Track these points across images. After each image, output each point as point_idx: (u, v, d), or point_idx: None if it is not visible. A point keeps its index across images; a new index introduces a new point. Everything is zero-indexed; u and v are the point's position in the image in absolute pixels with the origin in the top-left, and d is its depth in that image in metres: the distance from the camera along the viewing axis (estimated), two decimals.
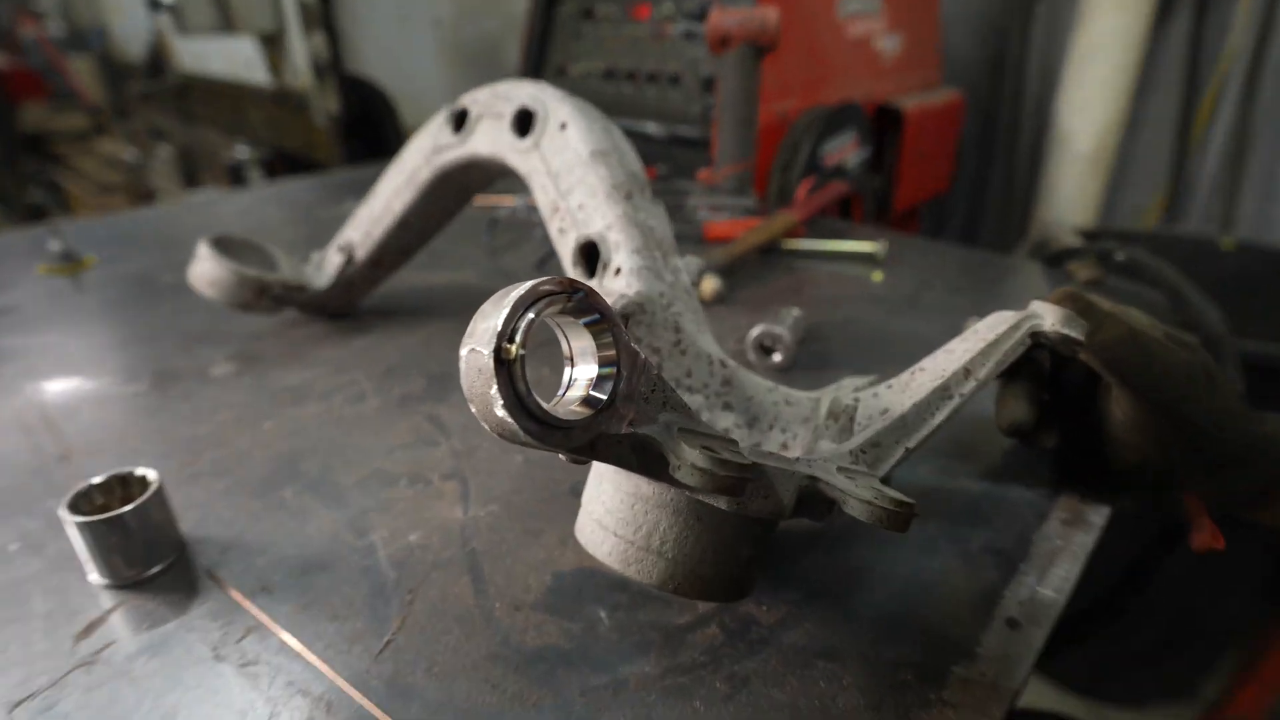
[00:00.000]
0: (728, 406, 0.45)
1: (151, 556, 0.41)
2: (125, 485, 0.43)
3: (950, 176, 1.81)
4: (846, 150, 1.31)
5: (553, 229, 0.52)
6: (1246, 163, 1.68)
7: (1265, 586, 1.11)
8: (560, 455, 0.31)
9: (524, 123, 0.56)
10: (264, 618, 0.38)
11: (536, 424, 0.26)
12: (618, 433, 0.29)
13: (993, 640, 0.36)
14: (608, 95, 1.38)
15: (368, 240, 0.67)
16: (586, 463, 0.32)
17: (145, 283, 0.85)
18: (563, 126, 0.53)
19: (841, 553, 0.42)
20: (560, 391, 0.29)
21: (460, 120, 0.61)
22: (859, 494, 0.31)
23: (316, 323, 0.73)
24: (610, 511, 0.35)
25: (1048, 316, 0.38)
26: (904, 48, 1.58)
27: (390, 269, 0.71)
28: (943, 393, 0.36)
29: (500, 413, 0.25)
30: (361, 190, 1.25)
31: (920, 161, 1.58)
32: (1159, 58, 1.74)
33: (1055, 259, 1.11)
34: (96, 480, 0.42)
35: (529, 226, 0.99)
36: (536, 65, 1.47)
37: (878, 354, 0.67)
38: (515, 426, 0.25)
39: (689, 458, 0.27)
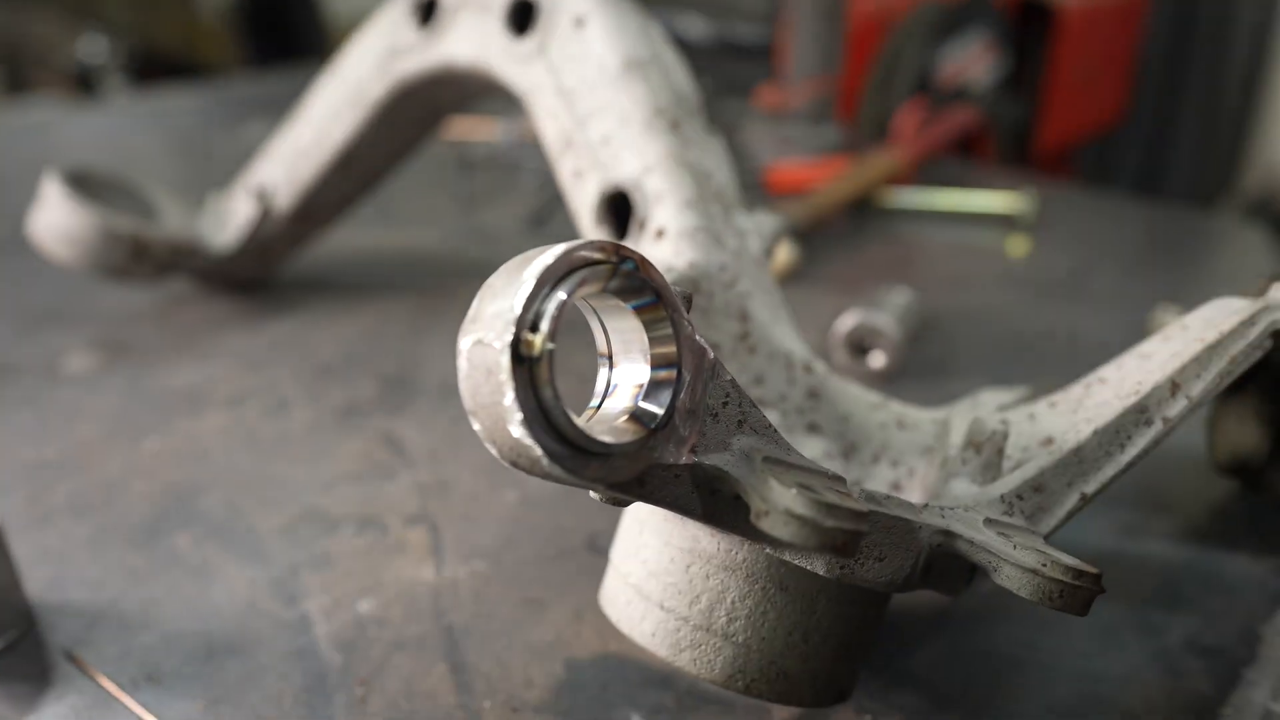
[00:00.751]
0: (813, 429, 0.47)
1: None
2: None
3: (1124, 104, 1.85)
4: (973, 61, 1.35)
5: (563, 170, 0.54)
6: None
7: None
8: (592, 493, 0.32)
9: (522, 15, 0.58)
10: (149, 719, 0.39)
11: (567, 448, 0.27)
12: (676, 463, 0.30)
13: None
14: None
15: (292, 182, 0.69)
16: (627, 504, 0.33)
17: None
18: (579, 23, 0.55)
19: (980, 642, 0.43)
20: (594, 402, 0.30)
21: (429, 11, 0.62)
22: (1019, 559, 0.32)
23: (215, 299, 0.75)
24: (654, 575, 0.36)
25: None
26: None
27: (323, 224, 0.74)
28: (1138, 416, 0.37)
29: (517, 432, 0.26)
30: (273, 108, 1.27)
31: (1082, 81, 1.62)
32: None
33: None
34: None
35: (516, 168, 1.02)
36: None
37: (1022, 358, 0.69)
38: (537, 451, 0.26)
39: (781, 500, 0.28)
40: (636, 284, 0.29)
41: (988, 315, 0.75)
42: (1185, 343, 0.39)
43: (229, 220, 0.71)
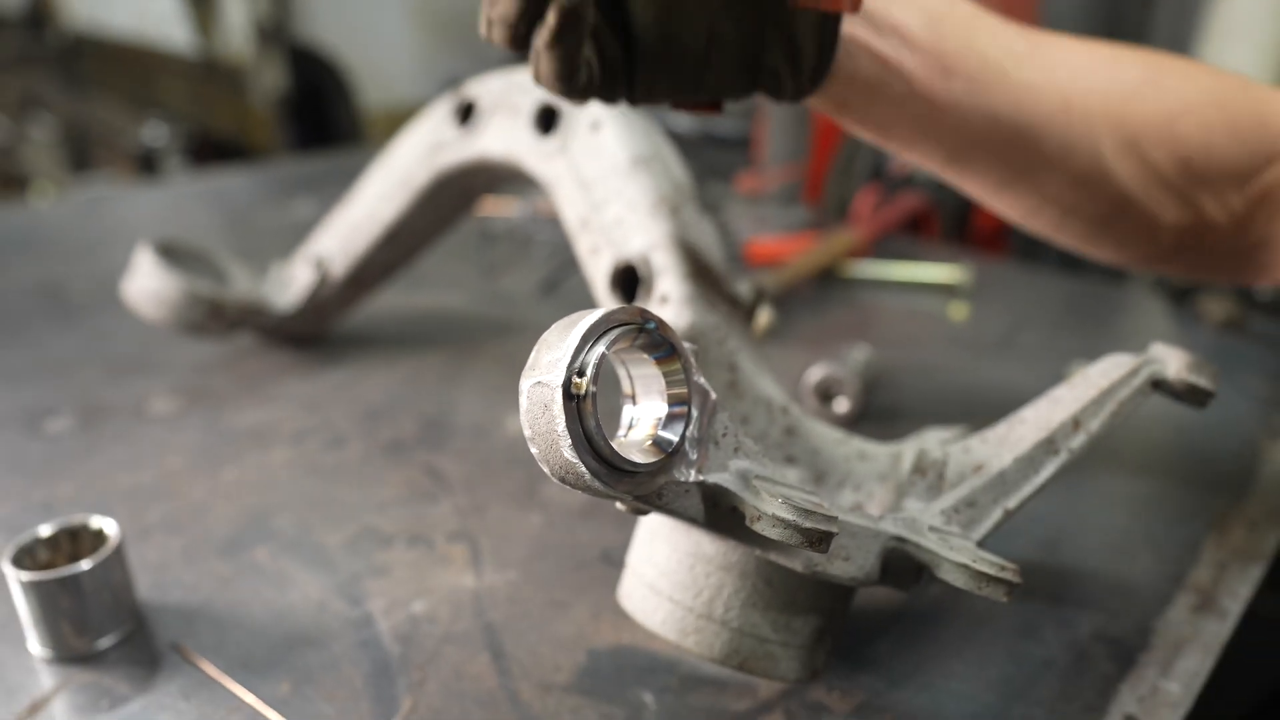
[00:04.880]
0: (790, 460, 0.51)
1: (105, 625, 0.46)
2: (74, 540, 0.48)
3: None
4: None
5: (581, 246, 0.58)
6: None
7: None
8: (618, 505, 0.36)
9: (547, 120, 0.62)
10: (250, 697, 0.42)
11: (606, 467, 0.31)
12: (686, 480, 0.34)
13: None
14: None
15: (346, 253, 0.73)
16: (646, 513, 0.37)
17: (49, 297, 0.91)
18: (595, 126, 0.60)
19: (928, 634, 0.47)
20: (620, 433, 0.35)
21: (467, 113, 0.67)
22: (954, 557, 0.36)
23: (277, 350, 0.79)
24: (665, 574, 0.40)
25: (1171, 363, 0.44)
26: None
27: (371, 288, 0.77)
28: (1048, 447, 0.42)
29: (568, 454, 0.30)
30: (314, 187, 1.32)
31: None
32: None
33: (1183, 294, 1.17)
34: (43, 532, 0.47)
35: (529, 241, 1.06)
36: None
37: (962, 406, 0.72)
38: (582, 469, 0.31)
39: (770, 508, 0.33)
40: (657, 340, 0.34)
41: (933, 369, 0.79)
42: (1085, 389, 0.43)
43: (291, 284, 0.75)
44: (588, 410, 0.31)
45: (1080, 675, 0.45)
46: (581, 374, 0.31)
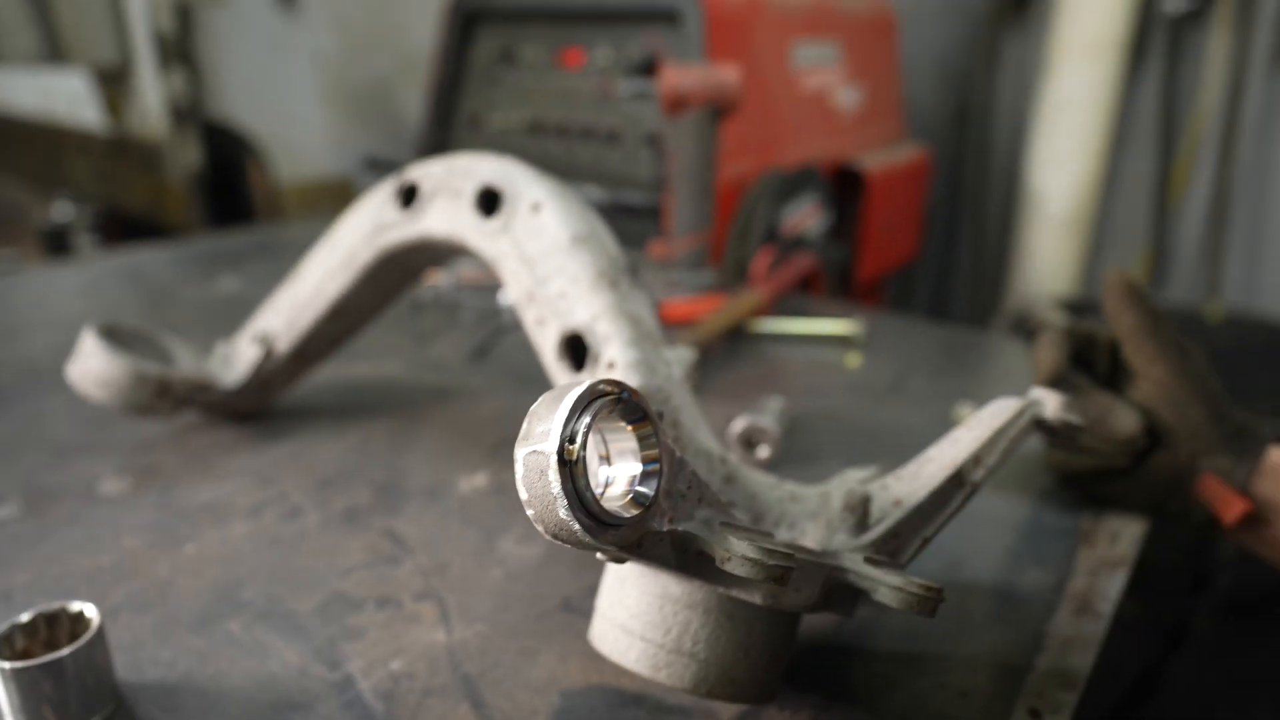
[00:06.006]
0: (731, 505, 0.55)
1: (88, 708, 0.46)
2: (51, 625, 0.48)
3: (917, 243, 2.03)
4: (806, 217, 1.48)
5: (528, 318, 0.61)
6: (1229, 224, 1.98)
7: None
8: (598, 555, 0.39)
9: (489, 202, 0.65)
10: None
11: (595, 523, 0.34)
12: (660, 530, 0.37)
13: None
14: (532, 153, 1.51)
15: (292, 330, 0.74)
16: (624, 561, 0.40)
17: None
18: (535, 208, 0.63)
19: (859, 658, 0.51)
20: (599, 491, 0.38)
21: (409, 196, 0.69)
22: (889, 581, 0.40)
23: (220, 427, 0.78)
24: (636, 615, 0.43)
25: (1049, 403, 0.50)
26: (864, 101, 1.80)
27: (315, 362, 0.78)
28: (956, 481, 0.47)
29: (564, 514, 0.33)
30: (234, 262, 1.30)
31: (886, 228, 1.78)
32: (1133, 112, 2.04)
33: (1030, 335, 1.28)
34: (22, 619, 0.47)
35: (457, 308, 1.08)
36: (445, 115, 1.59)
37: (867, 446, 0.78)
38: (576, 526, 0.34)
39: (738, 549, 0.36)
40: (632, 408, 0.37)
41: (837, 414, 0.84)
42: (980, 430, 0.49)
43: (236, 362, 0.75)
44: (579, 474, 0.34)
45: (992, 680, 0.50)
46: (572, 441, 0.34)
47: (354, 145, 2.05)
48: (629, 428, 0.38)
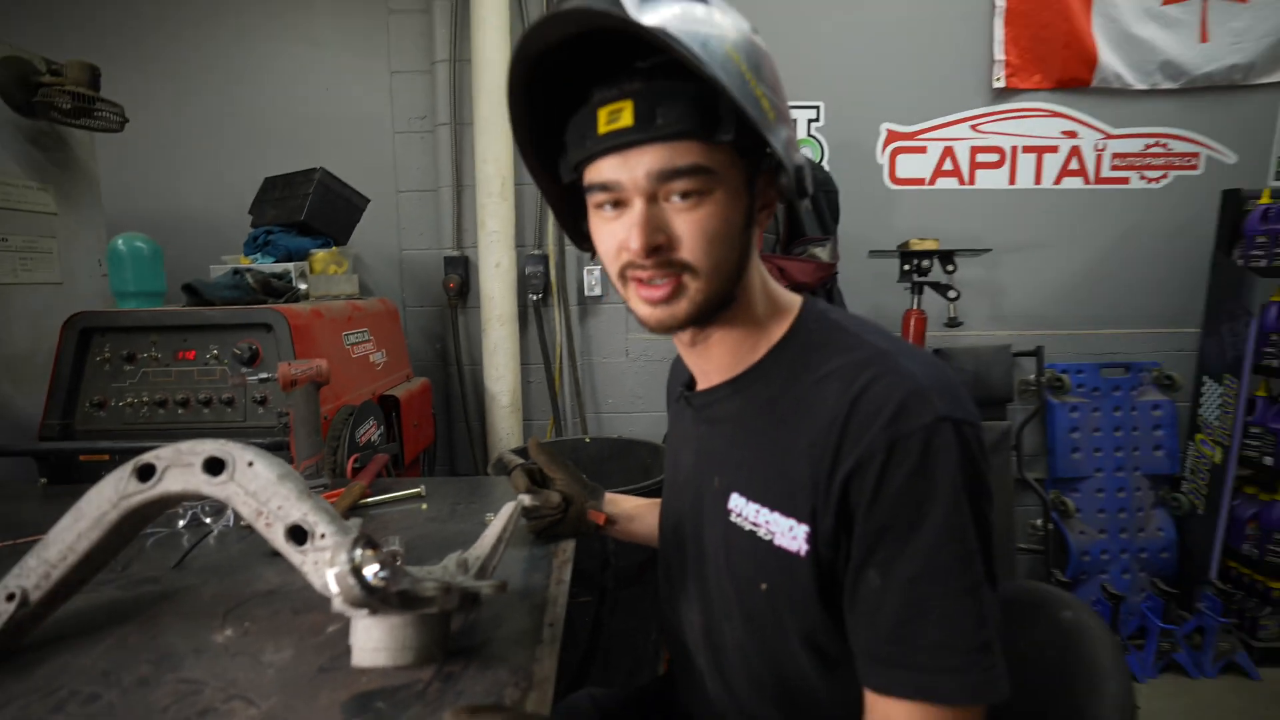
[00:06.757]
0: (420, 576, 0.73)
1: None
2: None
3: (433, 433, 2.26)
4: (371, 431, 1.63)
5: (259, 525, 0.71)
6: (584, 396, 2.64)
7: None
8: (364, 611, 0.58)
9: (215, 466, 0.69)
10: None
11: (368, 592, 0.55)
12: (394, 590, 0.58)
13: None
14: (159, 420, 1.39)
15: (45, 582, 0.68)
16: (388, 611, 0.58)
17: None
18: (250, 464, 0.72)
19: (474, 630, 0.72)
20: (368, 577, 0.57)
21: (147, 473, 0.70)
22: (485, 584, 0.66)
23: None
24: (379, 639, 0.61)
25: (525, 500, 0.82)
26: (387, 358, 2.03)
27: (64, 602, 0.71)
28: (499, 536, 0.75)
29: (357, 590, 0.53)
30: None
31: (413, 427, 1.98)
32: (527, 348, 2.62)
33: (506, 471, 1.63)
34: None
35: (144, 539, 0.99)
36: (68, 403, 1.36)
37: (453, 543, 0.94)
38: (363, 595, 0.54)
39: (431, 590, 0.59)
40: (370, 541, 0.58)
41: (429, 534, 0.99)
42: (500, 520, 0.77)
43: None
44: (360, 571, 0.54)
45: (526, 619, 0.77)
46: (356, 559, 0.54)
47: None
48: (370, 550, 0.59)
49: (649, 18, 0.51)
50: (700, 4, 0.55)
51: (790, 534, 0.60)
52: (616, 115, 0.56)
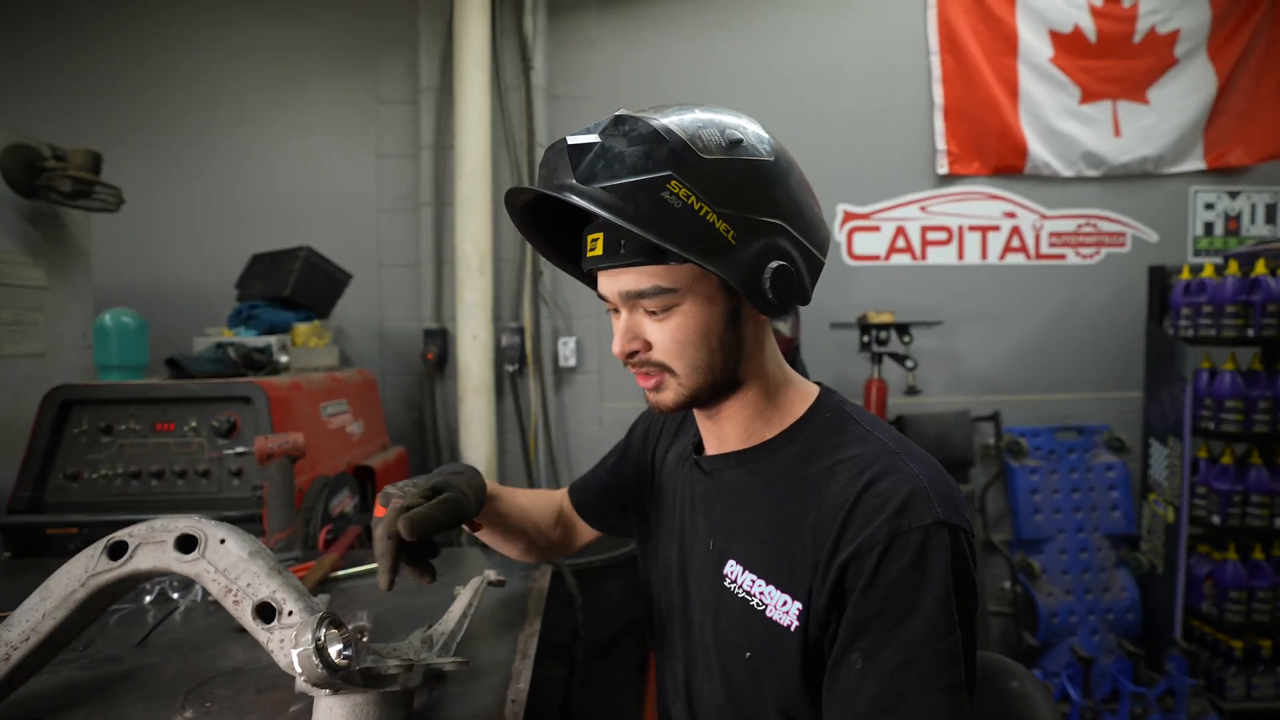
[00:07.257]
0: (383, 653, 0.74)
1: None
2: None
3: None
4: (345, 502, 1.62)
5: (227, 601, 0.71)
6: (557, 459, 2.65)
7: None
8: (326, 690, 0.59)
9: (187, 544, 0.69)
10: None
11: (331, 671, 0.57)
12: (357, 669, 0.60)
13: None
14: (133, 491, 1.38)
15: (3, 665, 0.68)
16: (350, 690, 0.59)
17: None
18: (223, 541, 0.73)
19: (438, 705, 0.74)
20: (333, 655, 0.59)
21: (119, 551, 0.70)
22: (448, 661, 0.68)
23: None
24: (341, 718, 0.62)
25: (491, 574, 0.84)
26: (364, 428, 2.04)
27: (22, 685, 0.71)
28: (464, 610, 0.77)
29: (320, 670, 0.55)
30: None
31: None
32: (503, 418, 2.65)
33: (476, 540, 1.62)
34: None
35: (109, 619, 0.97)
36: (41, 474, 1.35)
37: (422, 616, 0.97)
38: (324, 673, 0.56)
39: (394, 668, 0.61)
40: (335, 620, 0.60)
41: (402, 606, 1.00)
42: (467, 593, 0.80)
43: None
44: (325, 653, 0.56)
45: (497, 685, 0.78)
46: (319, 638, 0.57)
47: None
48: (335, 629, 0.61)
49: (587, 178, 0.56)
50: (678, 132, 0.57)
51: (783, 608, 0.61)
52: (594, 244, 0.63)
